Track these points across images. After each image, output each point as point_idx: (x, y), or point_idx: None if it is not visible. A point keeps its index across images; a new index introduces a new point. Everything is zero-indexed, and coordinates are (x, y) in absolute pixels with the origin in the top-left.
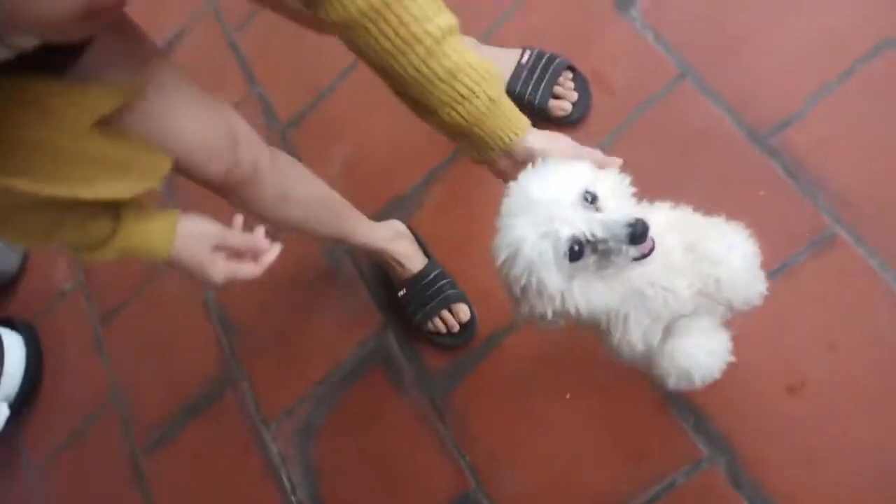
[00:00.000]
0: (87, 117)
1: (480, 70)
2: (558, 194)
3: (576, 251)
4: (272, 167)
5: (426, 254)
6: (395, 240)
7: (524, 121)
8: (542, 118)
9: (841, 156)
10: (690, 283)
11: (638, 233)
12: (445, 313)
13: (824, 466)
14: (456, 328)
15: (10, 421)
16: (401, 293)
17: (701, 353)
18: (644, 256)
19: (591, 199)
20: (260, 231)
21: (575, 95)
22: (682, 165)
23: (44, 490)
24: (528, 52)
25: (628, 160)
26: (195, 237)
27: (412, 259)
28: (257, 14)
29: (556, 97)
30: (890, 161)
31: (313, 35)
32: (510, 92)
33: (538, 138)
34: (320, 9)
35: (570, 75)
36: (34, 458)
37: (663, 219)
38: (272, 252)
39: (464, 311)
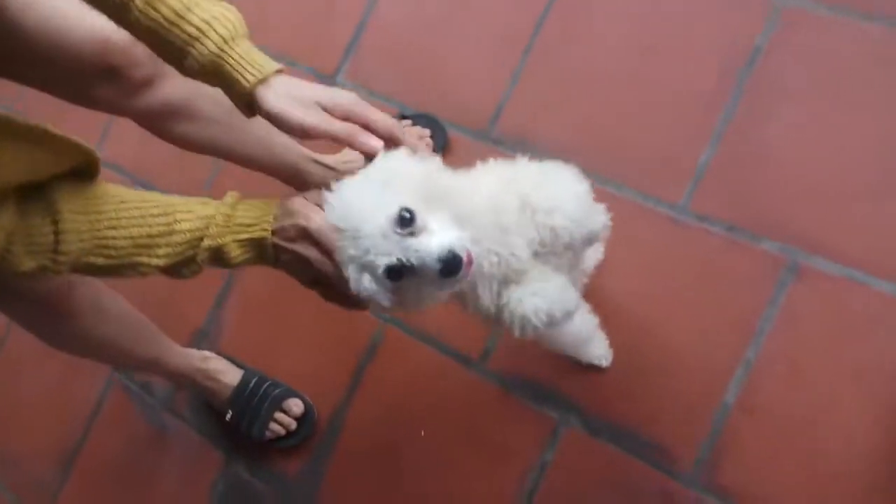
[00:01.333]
0: None
1: (210, 11)
2: (372, 220)
3: (395, 274)
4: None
5: (240, 367)
6: (206, 360)
7: (266, 67)
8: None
9: (554, 115)
10: (530, 239)
11: (449, 269)
12: (279, 415)
13: (647, 379)
14: (293, 425)
15: None
16: (228, 416)
17: (534, 298)
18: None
19: (409, 218)
20: None
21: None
22: None
23: None
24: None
25: None
26: None
27: (228, 373)
28: None
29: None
30: (591, 97)
31: None
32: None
33: (277, 98)
34: None
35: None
36: None
37: (496, 178)
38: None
39: (296, 404)
